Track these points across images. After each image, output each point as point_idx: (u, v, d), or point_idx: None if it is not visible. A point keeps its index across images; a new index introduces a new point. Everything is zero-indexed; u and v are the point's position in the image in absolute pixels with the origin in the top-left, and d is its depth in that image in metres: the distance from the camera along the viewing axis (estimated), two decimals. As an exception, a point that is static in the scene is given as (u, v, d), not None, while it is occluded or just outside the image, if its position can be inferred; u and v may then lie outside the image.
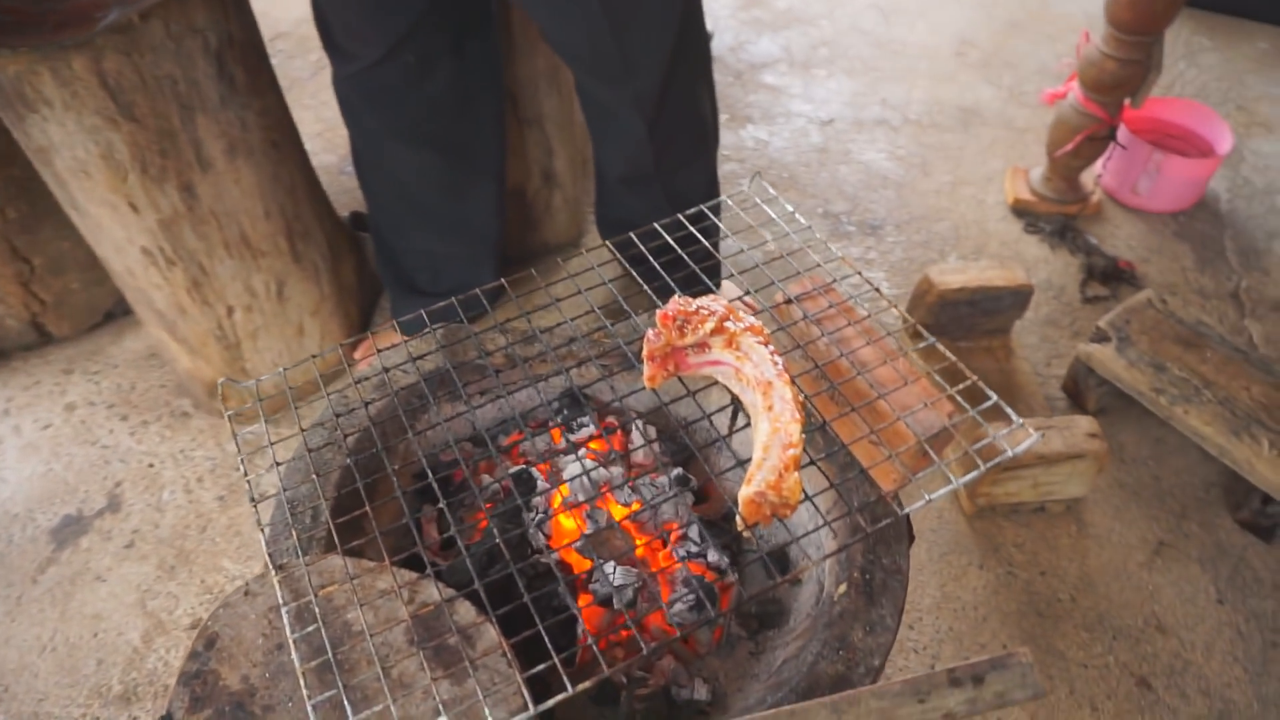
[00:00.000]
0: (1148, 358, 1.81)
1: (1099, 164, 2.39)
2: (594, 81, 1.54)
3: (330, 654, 0.81)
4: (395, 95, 1.52)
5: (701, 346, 0.98)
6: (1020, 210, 2.43)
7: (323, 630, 0.82)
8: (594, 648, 0.75)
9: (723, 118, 2.72)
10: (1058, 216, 2.39)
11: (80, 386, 2.03)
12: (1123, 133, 2.27)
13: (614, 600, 1.08)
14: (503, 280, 1.09)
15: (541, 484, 1.17)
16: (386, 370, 1.03)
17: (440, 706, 0.77)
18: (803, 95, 2.83)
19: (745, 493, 0.84)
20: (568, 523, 1.16)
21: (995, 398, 0.99)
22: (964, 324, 1.98)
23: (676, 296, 1.00)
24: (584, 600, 1.11)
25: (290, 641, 0.81)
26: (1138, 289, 2.22)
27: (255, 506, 0.91)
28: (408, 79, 1.50)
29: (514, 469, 1.18)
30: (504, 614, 0.82)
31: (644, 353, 0.97)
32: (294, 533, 0.90)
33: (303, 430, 1.03)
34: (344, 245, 1.94)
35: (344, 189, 2.42)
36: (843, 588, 0.99)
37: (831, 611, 0.98)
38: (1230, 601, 1.69)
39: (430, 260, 1.84)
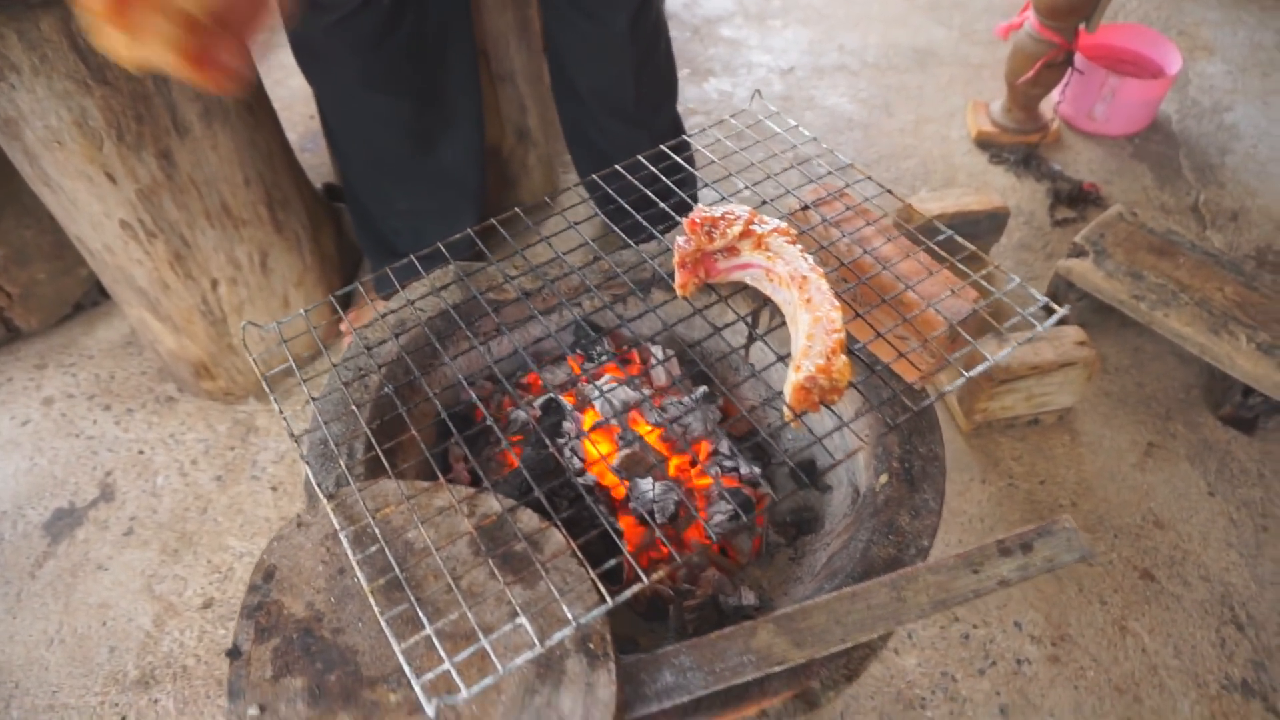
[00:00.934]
0: (1125, 267, 1.87)
1: (1056, 92, 2.45)
2: (579, 15, 1.59)
3: (397, 570, 0.80)
4: (371, 41, 1.50)
5: (730, 250, 0.99)
6: (984, 143, 2.47)
7: (386, 550, 0.81)
8: (634, 562, 0.77)
9: (684, 72, 2.73)
10: (1020, 146, 2.44)
11: (56, 380, 1.96)
12: (1079, 59, 2.32)
13: (655, 515, 1.09)
14: (493, 220, 1.08)
15: (569, 411, 1.17)
16: (390, 314, 1.01)
17: (517, 609, 0.77)
18: (761, 46, 2.84)
19: (794, 379, 0.85)
20: (600, 448, 1.16)
21: (1018, 280, 1.01)
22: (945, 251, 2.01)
23: (699, 205, 1.00)
24: (624, 521, 1.11)
25: (354, 563, 0.81)
26: (1103, 209, 2.28)
27: (297, 441, 0.90)
28: (383, 24, 1.48)
29: (540, 398, 1.18)
30: (563, 521, 0.82)
31: (675, 260, 0.97)
32: (341, 463, 0.88)
33: (334, 364, 1.01)
34: (322, 214, 1.90)
35: (308, 165, 2.37)
36: (884, 478, 1.01)
37: (876, 501, 1.00)
38: (1220, 493, 1.76)
39: (411, 220, 1.81)
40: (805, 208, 1.09)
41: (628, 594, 0.77)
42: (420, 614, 0.77)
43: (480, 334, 1.20)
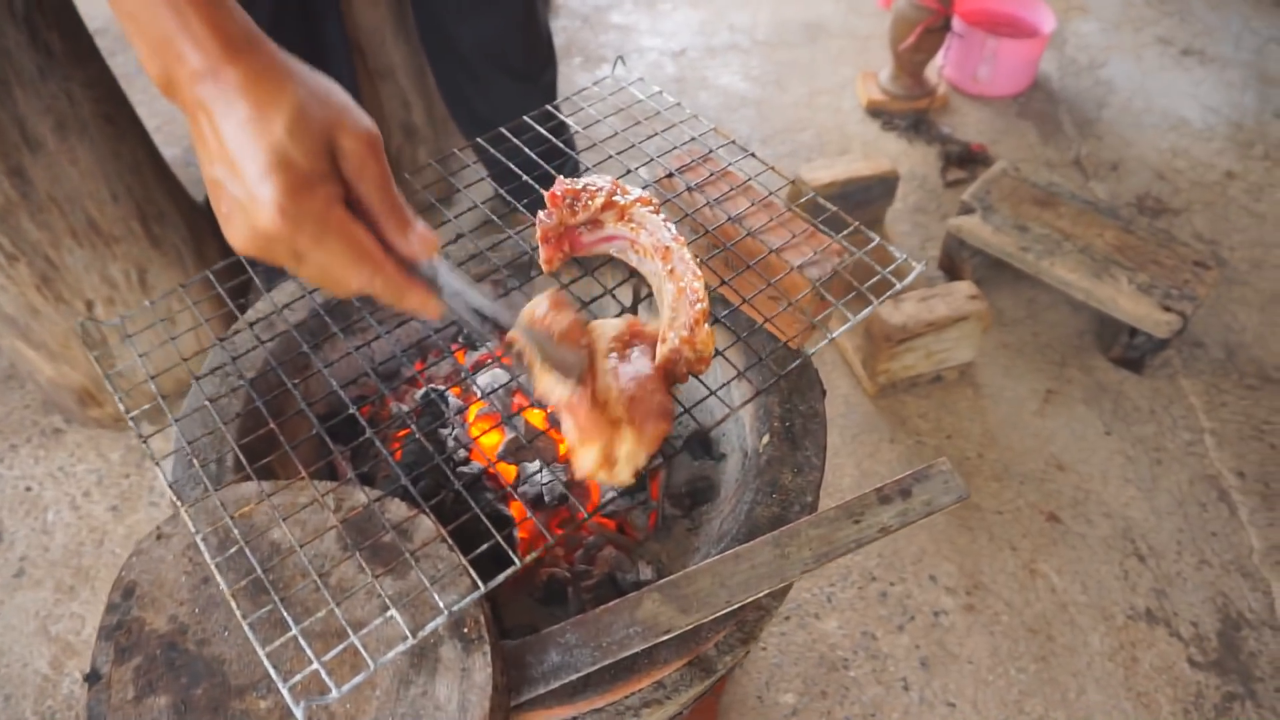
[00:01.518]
0: (1011, 220, 1.91)
1: (940, 56, 2.50)
2: None
3: (260, 571, 0.77)
4: None
5: (594, 224, 0.97)
6: (875, 111, 2.51)
7: (246, 551, 0.78)
8: (505, 545, 0.75)
9: (576, 60, 2.71)
10: (910, 113, 2.49)
11: (-69, 422, 1.86)
12: (957, 23, 2.37)
13: (544, 497, 1.08)
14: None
15: (455, 404, 1.15)
16: (260, 321, 0.98)
17: (388, 602, 0.75)
18: (651, 30, 2.84)
19: (660, 352, 0.85)
20: (488, 439, 1.14)
21: (878, 239, 1.02)
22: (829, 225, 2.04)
23: (561, 178, 0.99)
24: (514, 507, 1.10)
25: (213, 568, 0.77)
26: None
27: (158, 465, 0.86)
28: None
29: (420, 392, 1.16)
30: (436, 510, 0.80)
31: (537, 235, 0.95)
32: (196, 464, 0.85)
33: (196, 378, 0.98)
34: (205, 228, 1.84)
35: (192, 180, 2.30)
36: (766, 439, 1.01)
37: (760, 462, 1.00)
38: (1116, 431, 1.82)
39: None
40: (670, 175, 1.08)
41: (500, 578, 0.75)
42: (286, 615, 0.74)
43: (363, 332, 1.17)
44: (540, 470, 1.08)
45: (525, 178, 1.05)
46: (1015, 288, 2.05)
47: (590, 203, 0.96)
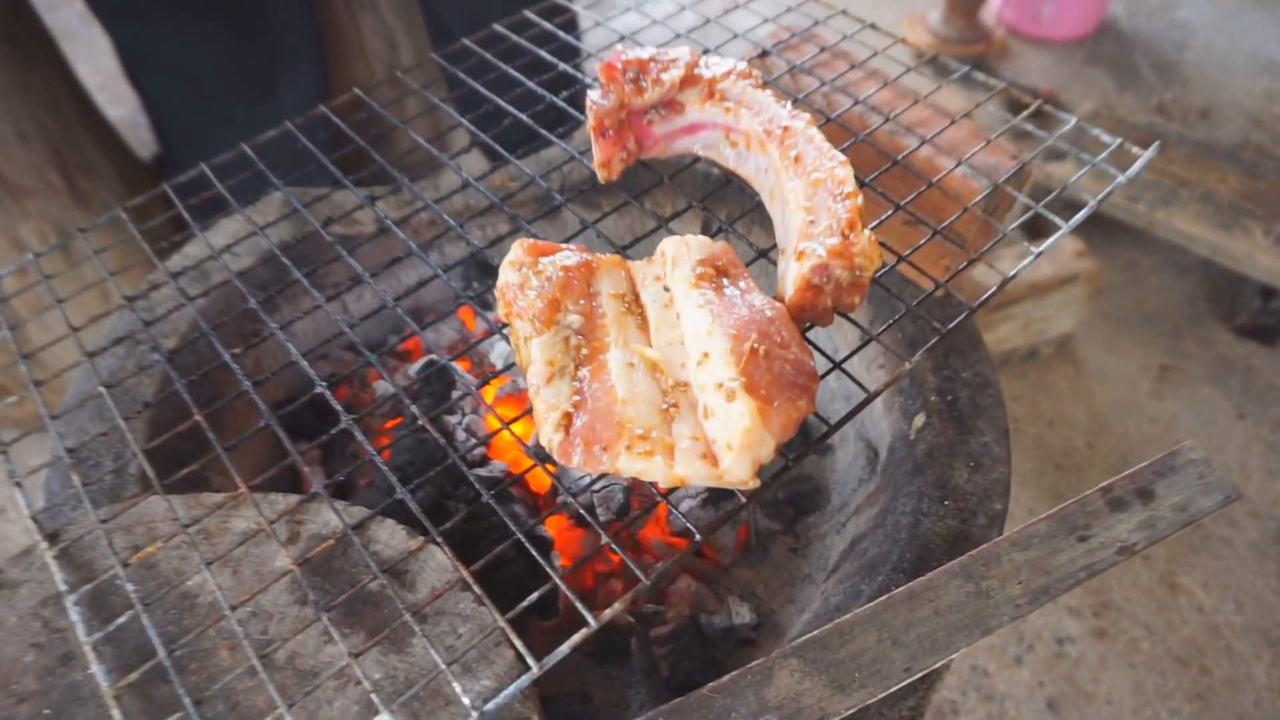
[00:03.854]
0: (1114, 166, 1.61)
1: (996, -2, 2.21)
2: None
3: (162, 654, 0.46)
4: None
5: (670, 107, 0.67)
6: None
7: (143, 617, 0.47)
8: (569, 593, 0.45)
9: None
10: (965, 59, 2.19)
11: None
12: (1020, -46, 2.08)
13: (597, 510, 0.77)
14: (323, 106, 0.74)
15: (465, 380, 0.84)
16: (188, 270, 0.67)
17: (373, 698, 0.44)
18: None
19: (800, 271, 0.54)
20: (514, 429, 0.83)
21: (1075, 119, 0.73)
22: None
23: (618, 47, 0.68)
24: (552, 525, 0.79)
25: (86, 646, 0.46)
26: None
27: (19, 485, 0.55)
28: None
29: (417, 365, 0.85)
30: (448, 536, 0.49)
31: (590, 124, 0.65)
32: (77, 481, 0.54)
33: (88, 354, 0.66)
34: (149, 185, 1.52)
35: (142, 142, 1.98)
36: (920, 420, 0.70)
37: (915, 454, 0.69)
38: (1251, 415, 1.52)
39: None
40: (764, 54, 0.78)
41: (564, 650, 0.44)
42: (201, 726, 0.43)
43: (328, 286, 0.86)
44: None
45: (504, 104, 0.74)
46: (1109, 249, 1.75)
47: (664, 75, 0.65)
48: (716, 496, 0.80)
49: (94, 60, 2.22)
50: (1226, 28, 2.33)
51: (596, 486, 0.78)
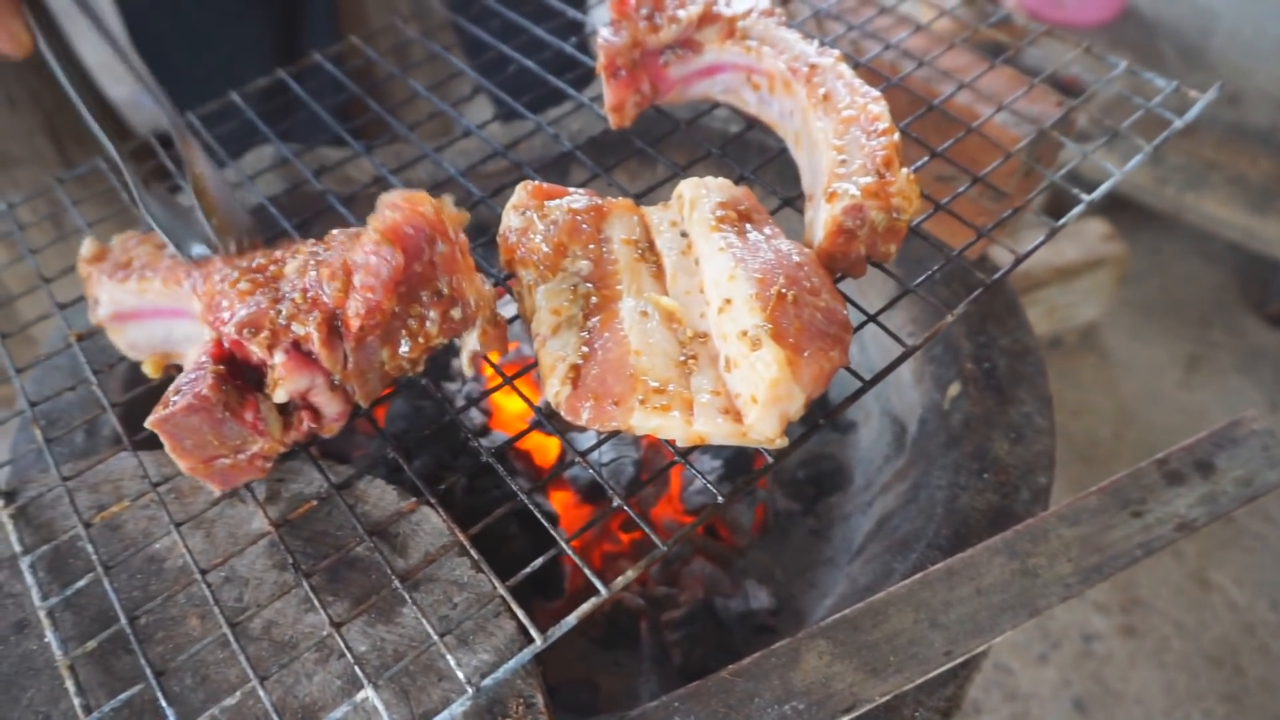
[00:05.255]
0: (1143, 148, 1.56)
1: (1017, -19, 2.15)
2: None
3: (123, 620, 0.41)
4: None
5: (687, 47, 0.62)
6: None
7: (105, 580, 0.43)
8: (577, 558, 0.40)
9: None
10: (983, 43, 2.14)
11: None
12: (1041, -64, 2.03)
13: (604, 488, 0.72)
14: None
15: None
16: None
17: (359, 672, 0.39)
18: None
19: (831, 213, 0.49)
20: (515, 398, 0.78)
21: (1124, 64, 0.68)
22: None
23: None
24: (557, 498, 0.74)
25: (41, 613, 0.42)
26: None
27: None
28: None
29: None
30: (444, 501, 0.44)
31: (600, 64, 0.60)
32: (39, 436, 0.49)
33: (60, 306, 0.62)
34: (144, 156, 1.47)
35: (140, 122, 1.94)
36: (955, 389, 0.65)
37: (949, 425, 0.64)
38: (1283, 405, 1.47)
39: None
40: (815, 14, 0.73)
41: (572, 620, 0.40)
42: (164, 702, 0.39)
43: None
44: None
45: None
46: (1135, 235, 1.70)
47: (679, 12, 0.60)
48: (733, 471, 0.75)
49: (96, 41, 2.18)
50: (1251, 12, 2.27)
51: (605, 460, 0.73)
